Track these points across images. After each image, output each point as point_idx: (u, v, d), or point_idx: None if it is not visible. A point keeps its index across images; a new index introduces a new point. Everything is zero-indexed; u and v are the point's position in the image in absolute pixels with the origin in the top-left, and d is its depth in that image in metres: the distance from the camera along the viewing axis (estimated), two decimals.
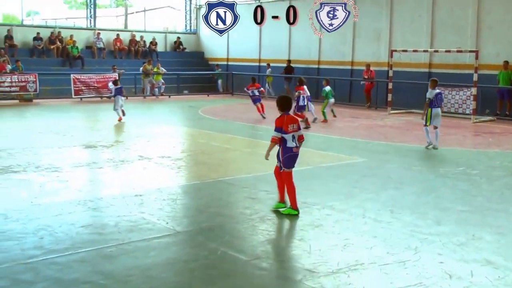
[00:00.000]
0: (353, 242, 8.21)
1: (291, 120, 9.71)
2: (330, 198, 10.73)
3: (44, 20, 52.59)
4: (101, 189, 11.63)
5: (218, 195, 11.07)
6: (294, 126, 9.66)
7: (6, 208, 9.70)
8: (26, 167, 13.04)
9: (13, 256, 7.50)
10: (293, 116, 10.03)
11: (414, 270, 7.16)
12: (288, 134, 9.59)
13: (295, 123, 9.75)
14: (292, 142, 9.64)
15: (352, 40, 30.65)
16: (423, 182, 12.40)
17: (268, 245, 8.05)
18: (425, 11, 27.45)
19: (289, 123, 9.62)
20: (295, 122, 9.76)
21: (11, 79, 27.61)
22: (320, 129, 20.31)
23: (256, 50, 35.76)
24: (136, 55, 35.93)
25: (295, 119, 9.92)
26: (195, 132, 19.93)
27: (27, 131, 19.28)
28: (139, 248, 7.89)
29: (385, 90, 27.04)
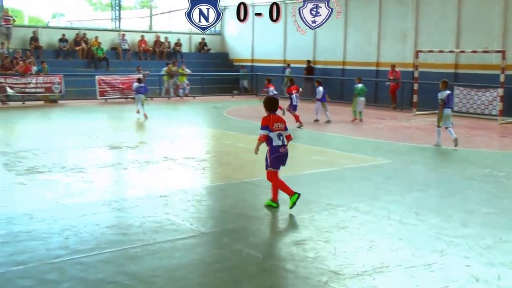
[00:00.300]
0: (378, 244, 8.15)
1: (277, 120, 9.98)
2: (354, 199, 10.66)
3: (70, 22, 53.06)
4: (126, 190, 11.66)
5: (242, 196, 11.05)
6: (280, 125, 9.92)
7: (32, 208, 9.76)
8: (51, 167, 13.11)
9: (39, 256, 7.53)
10: (280, 116, 10.24)
11: (440, 273, 7.09)
12: (273, 132, 9.85)
13: (281, 122, 10.00)
14: (278, 140, 9.87)
15: (377, 40, 30.50)
16: (449, 184, 12.29)
17: (293, 247, 8.00)
18: (451, 11, 27.23)
19: (275, 122, 9.89)
20: (281, 122, 10.01)
21: (36, 81, 27.83)
22: (344, 130, 20.24)
23: (280, 51, 35.72)
24: (160, 56, 36.04)
25: (281, 119, 10.14)
26: (220, 133, 19.94)
27: (52, 132, 19.41)
28: (164, 249, 7.89)
29: (411, 91, 26.88)
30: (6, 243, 8.04)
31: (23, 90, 27.52)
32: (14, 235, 8.36)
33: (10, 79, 27.15)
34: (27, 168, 12.99)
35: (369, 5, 30.76)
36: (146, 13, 54.08)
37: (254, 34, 37.27)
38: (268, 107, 10.16)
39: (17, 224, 8.89)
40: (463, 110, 25.34)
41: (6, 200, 10.59)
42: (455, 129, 16.80)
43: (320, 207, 10.13)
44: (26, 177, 12.14)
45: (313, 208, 10.01)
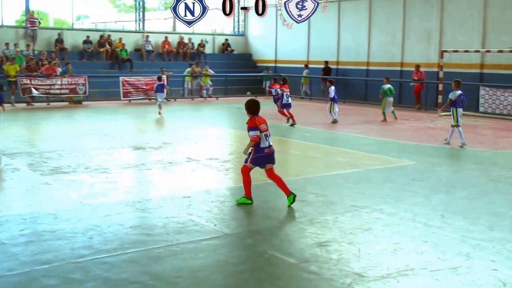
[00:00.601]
0: (403, 247, 8.08)
1: (262, 121, 10.25)
2: (379, 201, 10.59)
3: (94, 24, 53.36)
4: (149, 191, 11.67)
5: (266, 198, 11.01)
6: (265, 126, 10.21)
7: (56, 208, 9.82)
8: (76, 168, 13.18)
9: (63, 255, 7.57)
10: (263, 118, 10.40)
11: (466, 277, 7.02)
12: (261, 133, 10.09)
13: (265, 124, 10.28)
14: (265, 141, 10.14)
15: (401, 40, 30.30)
16: (475, 186, 12.16)
17: (316, 248, 7.96)
18: (477, 10, 26.95)
19: (260, 123, 10.15)
20: (265, 123, 10.29)
21: (61, 82, 28.01)
22: (368, 131, 20.12)
23: (304, 52, 35.62)
24: (184, 57, 36.11)
25: (264, 120, 10.36)
26: (243, 134, 19.82)
27: (77, 132, 19.51)
28: (187, 249, 7.89)
29: (435, 92, 26.68)
30: (31, 242, 8.09)
31: (48, 91, 27.71)
32: (39, 235, 8.42)
33: (35, 81, 27.33)
34: (52, 168, 13.07)
35: (393, 5, 30.58)
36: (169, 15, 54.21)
37: (278, 35, 37.22)
38: (251, 110, 10.32)
39: (42, 224, 8.95)
40: (489, 111, 25.14)
41: (31, 200, 10.68)
42: (481, 129, 16.64)
43: (344, 208, 10.08)
44: (51, 177, 12.22)
45: (337, 210, 9.97)
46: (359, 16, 32.33)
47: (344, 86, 32.29)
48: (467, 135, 19.09)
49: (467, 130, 20.35)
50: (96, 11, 63.43)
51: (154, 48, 35.51)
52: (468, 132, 19.99)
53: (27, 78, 27.24)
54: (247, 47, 40.00)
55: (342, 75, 33.03)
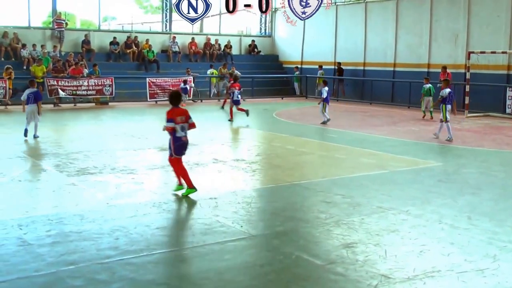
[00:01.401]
0: (429, 248, 8.04)
1: (180, 113, 11.06)
2: (405, 203, 10.54)
3: (121, 25, 53.54)
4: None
5: (293, 199, 11.01)
6: (182, 118, 10.99)
7: (83, 209, 9.89)
8: (102, 169, 13.27)
9: (89, 256, 7.61)
10: (182, 109, 11.26)
11: (493, 279, 6.96)
12: (177, 124, 10.92)
13: (183, 115, 11.04)
14: (181, 132, 10.98)
15: (428, 42, 30.11)
16: (502, 188, 12.05)
17: (343, 250, 7.94)
18: (504, 11, 26.70)
19: (177, 115, 10.98)
20: (183, 115, 11.06)
21: (88, 83, 28.21)
22: (395, 133, 20.02)
23: (331, 53, 35.52)
24: (211, 58, 36.18)
25: (183, 112, 11.16)
26: (270, 135, 19.92)
27: (103, 133, 19.63)
28: (213, 251, 7.90)
29: (463, 93, 26.49)
30: (57, 243, 8.15)
31: (75, 92, 27.92)
32: (65, 235, 8.48)
33: (62, 82, 27.56)
34: (78, 169, 13.16)
35: (420, 6, 30.41)
36: None
37: (305, 36, 37.17)
38: (171, 101, 11.22)
39: (68, 224, 9.01)
40: None
41: (58, 200, 10.76)
42: (507, 131, 16.49)
43: (370, 210, 10.04)
44: (77, 178, 12.30)
45: (363, 211, 9.93)
46: (386, 17, 32.20)
47: (371, 87, 32.20)
48: (494, 137, 18.97)
49: (493, 132, 20.24)
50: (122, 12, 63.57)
51: (180, 49, 35.61)
52: (495, 134, 19.87)
53: (54, 79, 27.47)
54: (273, 48, 39.98)
55: (369, 76, 32.91)
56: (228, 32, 39.82)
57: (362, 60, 33.63)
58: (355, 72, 33.77)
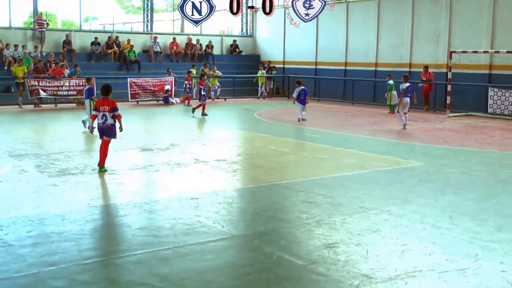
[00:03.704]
0: (411, 248, 8.05)
1: (103, 103, 12.96)
2: (387, 202, 10.56)
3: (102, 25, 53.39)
4: (157, 192, 11.68)
5: (274, 199, 11.01)
6: (105, 108, 12.85)
7: (64, 209, 9.82)
8: (83, 169, 13.21)
9: (70, 256, 7.56)
10: (107, 100, 13.01)
11: (475, 278, 6.98)
12: (99, 112, 12.89)
13: (106, 105, 12.89)
14: (100, 119, 12.88)
15: (410, 41, 30.20)
16: (483, 188, 12.10)
17: (324, 250, 7.94)
18: (486, 11, 26.81)
19: (101, 105, 12.95)
20: (107, 105, 12.90)
21: (69, 83, 28.04)
22: (377, 133, 20.07)
23: (312, 53, 35.57)
24: (192, 58, 36.11)
25: (107, 102, 12.96)
26: (251, 135, 19.90)
27: (84, 134, 19.48)
28: (194, 251, 7.88)
29: (444, 93, 26.61)
30: (38, 243, 8.09)
31: (56, 93, 27.76)
32: (46, 236, 8.42)
33: (43, 82, 27.38)
34: (60, 170, 13.09)
35: (402, 5, 30.50)
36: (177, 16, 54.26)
37: (286, 36, 37.19)
38: (101, 92, 13.27)
39: (49, 225, 8.96)
40: (497, 112, 25.06)
41: (39, 201, 10.70)
42: (489, 130, 16.58)
43: (351, 210, 10.05)
44: (58, 178, 12.23)
45: (345, 211, 9.94)
46: (368, 17, 32.27)
47: (352, 87, 32.26)
48: (476, 136, 19.08)
49: (475, 132, 20.36)
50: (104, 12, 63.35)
51: (162, 49, 35.52)
52: (477, 133, 19.98)
53: (35, 80, 27.30)
54: (255, 48, 39.96)
55: (351, 76, 32.96)
56: (209, 32, 39.77)
57: (344, 60, 33.68)
58: (337, 72, 33.79)
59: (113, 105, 12.99)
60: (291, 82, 34.97)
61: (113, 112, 12.91)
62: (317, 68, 35.11)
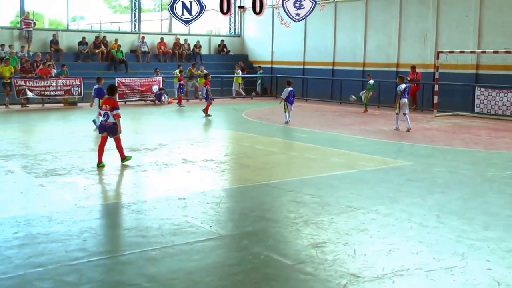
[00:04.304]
0: (398, 247, 8.07)
1: (106, 102, 13.67)
2: (375, 202, 10.58)
3: (89, 25, 53.25)
4: (144, 192, 11.64)
5: (262, 199, 11.01)
6: (106, 107, 13.52)
7: (51, 210, 9.78)
8: (71, 169, 13.16)
9: (58, 258, 7.53)
10: (110, 100, 13.69)
11: (461, 276, 7.01)
12: (102, 111, 13.76)
13: (109, 104, 13.55)
14: (103, 117, 13.65)
15: (397, 41, 30.30)
16: (470, 187, 12.15)
17: (312, 250, 7.95)
18: (473, 11, 26.96)
19: (104, 103, 13.70)
20: (109, 104, 13.56)
21: (56, 83, 27.94)
22: (365, 133, 20.11)
23: (300, 53, 35.62)
24: (180, 58, 36.07)
25: (110, 101, 13.61)
26: (239, 135, 19.90)
27: (72, 134, 19.44)
28: (182, 251, 7.87)
29: (431, 92, 26.70)
30: (25, 245, 8.06)
31: (43, 93, 27.65)
32: (33, 237, 8.38)
33: (30, 82, 27.26)
34: (47, 170, 13.03)
35: (390, 6, 30.58)
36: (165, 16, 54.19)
37: (274, 36, 37.22)
38: (107, 91, 14.18)
39: (36, 226, 8.91)
40: (484, 112, 25.19)
41: (26, 202, 10.64)
42: (476, 130, 16.65)
43: (339, 209, 10.06)
44: (46, 179, 12.18)
45: (333, 211, 9.95)
46: (355, 17, 32.33)
47: (340, 87, 32.30)
48: (463, 136, 19.16)
49: (462, 131, 20.44)
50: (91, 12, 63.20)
51: (150, 49, 35.47)
52: (463, 133, 20.07)
53: (21, 80, 27.16)
54: (243, 48, 39.97)
55: (339, 76, 33.01)
56: (197, 32, 39.73)
57: (332, 60, 33.74)
58: (325, 72, 33.83)
59: (113, 105, 13.55)
60: (279, 82, 35.00)
61: (113, 111, 13.45)
62: (305, 68, 35.19)
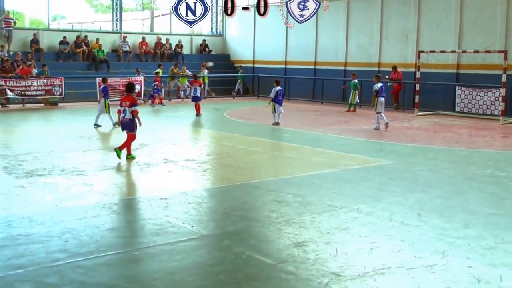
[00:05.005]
0: (380, 246, 8.10)
1: (125, 99, 14.46)
2: (356, 201, 10.61)
3: (70, 24, 52.92)
4: (126, 192, 11.61)
5: (244, 199, 11.01)
6: (126, 103, 14.31)
7: (32, 211, 9.72)
8: (52, 170, 13.08)
9: (38, 259, 7.48)
10: (129, 97, 14.51)
11: (442, 274, 7.05)
12: (121, 107, 14.46)
13: (128, 101, 14.32)
14: (123, 113, 14.43)
15: (379, 41, 30.41)
16: (451, 185, 12.22)
17: (294, 249, 7.96)
18: (453, 11, 27.14)
19: (123, 101, 14.49)
20: (128, 101, 14.33)
21: (37, 83, 27.75)
22: (347, 132, 20.18)
23: (282, 53, 35.65)
24: (162, 58, 35.99)
25: (129, 98, 14.42)
26: (221, 135, 19.89)
27: (53, 134, 19.36)
28: (164, 251, 7.85)
29: (413, 92, 26.81)
30: (5, 246, 8.00)
31: (24, 92, 27.45)
32: (13, 239, 8.31)
33: (10, 82, 27.07)
34: (27, 171, 12.95)
35: (371, 5, 30.69)
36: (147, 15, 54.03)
37: (256, 35, 37.22)
38: (125, 89, 15.22)
39: (17, 227, 8.85)
40: (465, 111, 25.32)
41: (6, 203, 10.56)
42: (457, 129, 16.75)
43: (321, 208, 10.08)
44: (26, 180, 12.10)
45: (314, 210, 9.97)
46: (337, 16, 32.35)
47: (322, 86, 32.37)
48: (444, 135, 19.26)
49: (443, 130, 20.55)
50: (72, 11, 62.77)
51: (131, 48, 35.36)
52: (444, 132, 20.17)
53: (1, 80, 26.90)
54: (225, 48, 39.94)
55: (321, 75, 33.07)
56: (179, 32, 39.64)
57: (313, 59, 33.80)
58: (306, 71, 33.89)
59: (132, 101, 14.35)
60: (261, 81, 35.03)
61: (131, 107, 14.19)
62: (287, 68, 35.22)
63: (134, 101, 14.41)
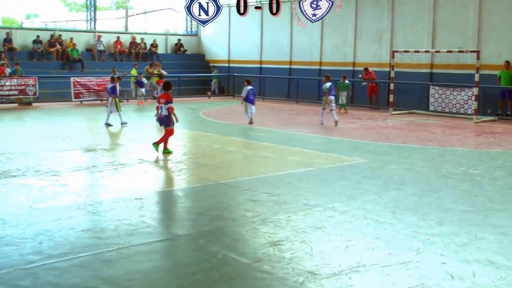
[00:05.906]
0: (355, 244, 8.14)
1: (162, 97, 15.49)
2: (331, 199, 10.65)
3: (44, 23, 52.53)
4: (100, 193, 11.54)
5: (219, 198, 11.00)
6: (162, 100, 15.32)
7: (5, 213, 9.63)
8: (25, 171, 12.97)
9: (12, 261, 7.42)
10: (165, 94, 15.45)
11: (416, 271, 7.10)
12: (159, 104, 15.44)
13: (164, 98, 15.32)
14: (159, 110, 15.37)
15: (353, 41, 30.54)
16: (425, 183, 12.30)
17: (269, 248, 7.97)
18: (427, 12, 27.36)
19: (161, 98, 15.53)
20: (164, 98, 15.33)
21: (10, 83, 27.55)
22: (322, 131, 20.25)
23: (257, 52, 35.67)
24: (136, 57, 35.85)
25: (165, 96, 15.39)
26: (196, 134, 19.86)
27: (26, 135, 19.22)
28: (139, 252, 7.82)
29: (387, 91, 26.96)
30: None
31: None
32: None
33: None
34: (0, 172, 12.83)
35: (346, 5, 30.67)
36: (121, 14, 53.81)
37: (231, 35, 37.21)
38: (163, 87, 16.15)
39: None
40: (438, 110, 25.52)
41: None
42: (431, 127, 16.86)
43: (296, 207, 10.11)
44: (0, 181, 11.99)
45: (290, 209, 9.99)
46: None
47: (297, 86, 32.43)
48: (418, 134, 19.40)
49: (417, 129, 20.70)
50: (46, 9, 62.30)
51: (106, 48, 35.20)
52: (419, 130, 20.32)
53: None
54: (200, 47, 39.89)
55: (295, 75, 33.14)
56: (154, 31, 39.54)
57: (289, 58, 33.86)
58: (281, 71, 33.93)
59: (167, 98, 15.27)
60: (236, 81, 35.00)
61: (167, 104, 15.06)
62: (262, 67, 35.26)
63: (169, 98, 15.28)
